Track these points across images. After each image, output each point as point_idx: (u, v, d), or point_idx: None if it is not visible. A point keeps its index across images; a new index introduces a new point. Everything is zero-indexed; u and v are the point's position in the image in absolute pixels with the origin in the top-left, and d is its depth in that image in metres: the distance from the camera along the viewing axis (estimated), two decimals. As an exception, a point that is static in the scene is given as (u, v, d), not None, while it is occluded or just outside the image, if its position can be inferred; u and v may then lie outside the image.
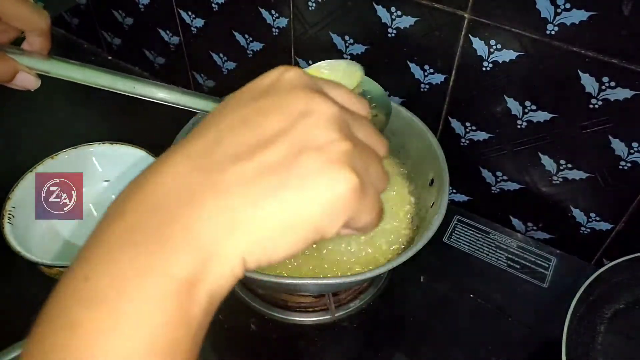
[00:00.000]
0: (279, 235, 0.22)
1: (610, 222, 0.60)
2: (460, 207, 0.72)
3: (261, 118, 0.24)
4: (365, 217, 0.25)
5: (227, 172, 0.22)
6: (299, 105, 0.24)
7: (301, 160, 0.23)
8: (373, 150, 0.26)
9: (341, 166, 0.23)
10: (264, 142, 0.23)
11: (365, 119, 0.27)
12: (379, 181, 0.26)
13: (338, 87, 0.27)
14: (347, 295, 0.60)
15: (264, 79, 0.26)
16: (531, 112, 0.57)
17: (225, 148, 0.23)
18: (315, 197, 0.22)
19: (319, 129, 0.23)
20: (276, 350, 0.57)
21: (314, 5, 0.65)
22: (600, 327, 0.56)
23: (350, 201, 0.23)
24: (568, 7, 0.48)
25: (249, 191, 0.22)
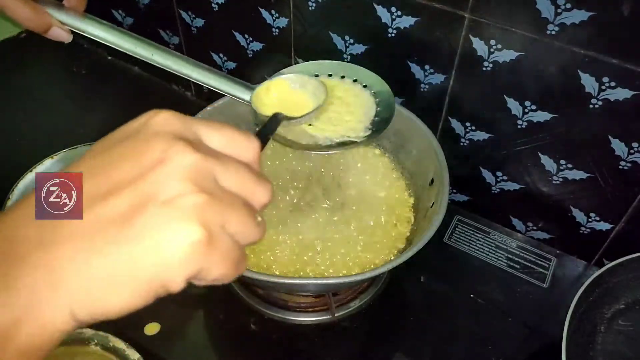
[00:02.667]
0: (111, 289, 0.22)
1: (610, 222, 0.60)
2: (460, 207, 0.72)
3: (111, 168, 0.23)
4: (215, 271, 0.23)
5: (61, 225, 0.22)
6: (154, 153, 0.23)
7: (143, 214, 0.22)
8: (243, 200, 0.25)
9: (185, 220, 0.22)
10: (108, 193, 0.22)
11: (242, 166, 0.25)
12: (245, 233, 0.25)
13: (219, 128, 0.26)
14: (347, 295, 0.60)
15: (132, 123, 0.25)
16: (531, 112, 0.57)
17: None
18: (152, 250, 0.22)
19: (171, 180, 0.22)
20: (276, 350, 0.57)
21: (314, 5, 0.65)
22: (600, 327, 0.56)
23: (194, 255, 0.22)
24: (568, 7, 0.48)
25: (79, 246, 0.21)
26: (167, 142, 0.23)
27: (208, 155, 0.24)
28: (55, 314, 0.21)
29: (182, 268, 0.22)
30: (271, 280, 0.48)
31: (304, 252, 0.58)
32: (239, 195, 0.25)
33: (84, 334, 0.53)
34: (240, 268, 0.25)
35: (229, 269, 0.24)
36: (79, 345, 0.53)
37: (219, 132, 0.25)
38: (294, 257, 0.57)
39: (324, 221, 0.60)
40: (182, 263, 0.22)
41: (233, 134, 0.26)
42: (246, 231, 0.25)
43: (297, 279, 0.53)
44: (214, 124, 0.26)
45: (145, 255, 0.22)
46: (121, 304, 0.22)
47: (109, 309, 0.22)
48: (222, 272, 0.24)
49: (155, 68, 0.48)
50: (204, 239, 0.22)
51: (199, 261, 0.22)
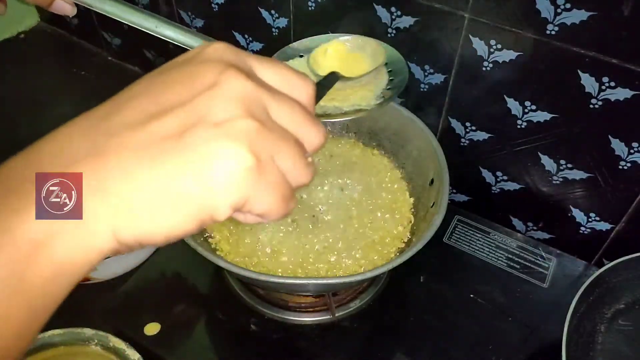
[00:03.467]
0: (156, 208, 0.21)
1: (610, 222, 0.60)
2: (460, 207, 0.72)
3: (165, 88, 0.23)
4: (263, 202, 0.22)
5: (112, 138, 0.21)
6: (207, 77, 0.22)
7: (193, 133, 0.21)
8: (294, 137, 0.24)
9: (234, 142, 0.21)
10: (160, 112, 0.22)
11: (296, 104, 0.24)
12: (295, 172, 0.24)
13: (273, 64, 0.25)
14: (347, 295, 0.60)
15: (188, 53, 0.25)
16: (531, 112, 0.57)
17: (122, 116, 0.22)
18: (199, 171, 0.21)
19: (222, 103, 0.22)
20: (276, 350, 0.57)
21: (313, 5, 0.65)
22: (600, 327, 0.56)
23: (239, 181, 0.21)
24: (568, 7, 0.48)
25: (129, 159, 0.21)
26: (219, 68, 0.23)
27: (260, 86, 0.23)
28: (97, 229, 0.20)
29: (229, 193, 0.21)
30: (271, 280, 0.48)
31: (304, 252, 0.58)
32: (291, 132, 0.24)
33: (84, 334, 0.53)
34: (289, 205, 0.24)
35: (278, 203, 0.23)
36: (79, 345, 0.53)
37: (274, 69, 0.25)
38: (294, 257, 0.57)
39: (324, 221, 0.60)
40: (229, 187, 0.21)
41: (289, 72, 0.25)
42: (296, 169, 0.24)
43: (297, 279, 0.53)
44: (269, 60, 0.25)
45: (192, 175, 0.21)
46: (166, 226, 0.21)
47: (154, 230, 0.21)
48: (269, 204, 0.23)
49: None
50: (253, 165, 0.21)
51: (247, 188, 0.22)
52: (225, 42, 0.25)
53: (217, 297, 0.62)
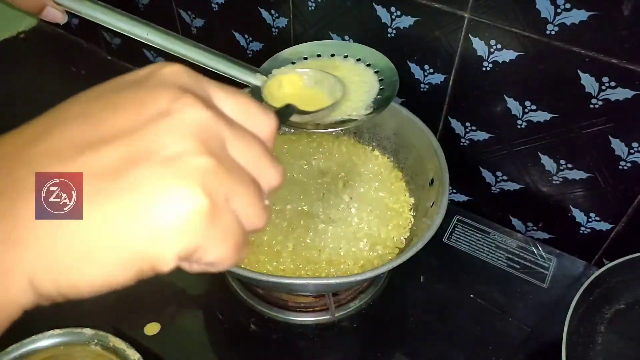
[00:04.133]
0: (84, 258, 0.18)
1: (610, 222, 0.60)
2: (460, 207, 0.72)
3: (107, 112, 0.20)
4: (213, 252, 0.20)
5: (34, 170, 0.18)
6: (159, 103, 0.20)
7: (136, 170, 0.18)
8: (252, 178, 0.21)
9: (187, 182, 0.18)
10: (99, 141, 0.19)
11: (255, 141, 0.22)
12: (250, 216, 0.21)
13: (235, 95, 0.22)
14: (347, 295, 0.60)
15: (139, 71, 0.22)
16: (531, 112, 0.57)
17: (50, 143, 0.19)
18: (141, 215, 0.18)
19: (174, 135, 0.19)
20: (276, 350, 0.57)
21: (313, 5, 0.65)
22: (600, 327, 0.56)
23: (190, 227, 0.19)
24: (568, 7, 0.48)
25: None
26: (174, 93, 0.20)
27: (219, 117, 0.20)
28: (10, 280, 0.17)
29: (176, 240, 0.19)
30: (271, 280, 0.48)
31: (304, 252, 0.58)
32: (248, 171, 0.21)
33: (84, 334, 0.53)
34: (241, 254, 0.21)
35: (230, 252, 0.20)
36: (79, 345, 0.53)
37: (234, 98, 0.22)
38: (294, 257, 0.57)
39: (324, 221, 0.60)
40: (177, 234, 0.18)
41: (249, 103, 0.23)
42: (252, 213, 0.21)
43: (297, 279, 0.53)
44: (229, 88, 0.22)
45: (133, 219, 0.18)
46: (95, 278, 0.18)
47: (80, 283, 0.18)
48: (221, 253, 0.20)
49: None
50: (207, 209, 0.19)
51: (198, 235, 0.19)
52: (182, 65, 0.22)
53: (217, 297, 0.62)
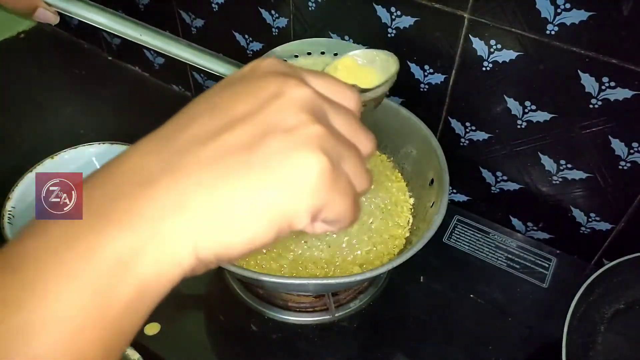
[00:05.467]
0: (236, 220, 0.21)
1: (610, 222, 0.60)
2: (460, 207, 0.72)
3: (230, 103, 0.23)
4: (338, 207, 0.23)
5: (186, 154, 0.21)
6: (270, 88, 0.23)
7: (266, 142, 0.21)
8: (353, 145, 0.24)
9: (310, 147, 0.21)
10: (229, 125, 0.22)
11: (349, 112, 0.25)
12: (358, 178, 0.24)
13: (322, 76, 0.26)
14: (347, 295, 0.60)
15: (242, 69, 0.26)
16: (531, 112, 0.57)
17: (190, 133, 0.22)
18: (278, 179, 0.21)
19: (288, 110, 0.22)
20: (276, 350, 0.57)
21: (314, 5, 0.65)
22: (600, 327, 0.56)
23: (319, 185, 0.21)
24: (568, 7, 0.48)
25: (205, 173, 0.21)
26: (281, 78, 0.23)
27: (319, 94, 0.24)
28: (179, 245, 0.20)
29: (308, 198, 0.21)
30: (271, 280, 0.48)
31: (304, 252, 0.58)
32: (348, 139, 0.24)
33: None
34: (357, 213, 0.24)
35: (351, 207, 0.23)
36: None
37: (323, 79, 0.25)
38: (294, 257, 0.57)
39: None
40: (308, 192, 0.21)
41: (337, 82, 0.26)
42: (359, 174, 0.24)
43: (297, 279, 0.53)
44: (317, 72, 0.26)
45: (271, 184, 0.21)
46: (246, 238, 0.21)
47: (233, 243, 0.21)
48: (344, 209, 0.23)
49: (154, 69, 0.47)
50: (329, 169, 0.22)
51: (325, 193, 0.22)
52: (274, 57, 0.26)
53: (217, 297, 0.62)
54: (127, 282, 0.20)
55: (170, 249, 0.20)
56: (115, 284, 0.19)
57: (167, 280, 0.21)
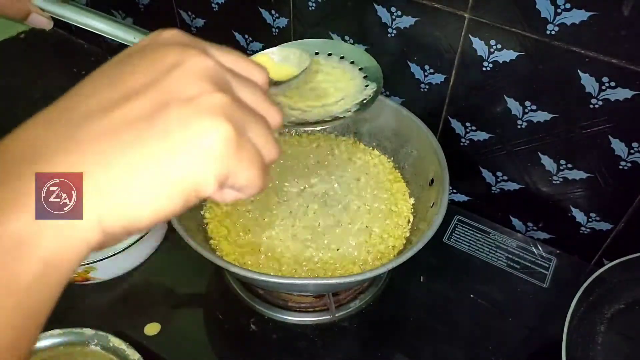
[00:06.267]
0: (140, 191, 0.21)
1: (610, 222, 0.60)
2: (460, 207, 0.72)
3: (128, 75, 0.22)
4: (245, 174, 0.23)
5: (83, 127, 0.21)
6: (169, 58, 0.23)
7: (166, 112, 0.21)
8: (260, 115, 0.24)
9: (212, 115, 0.21)
10: (127, 96, 0.21)
11: (256, 85, 0.25)
12: (265, 146, 0.24)
13: (228, 50, 0.25)
14: (347, 296, 0.60)
15: (141, 42, 0.25)
16: (531, 112, 0.57)
17: (87, 106, 0.22)
18: (180, 147, 0.21)
19: (188, 80, 0.22)
20: (276, 350, 0.57)
21: (314, 5, 0.65)
22: (600, 327, 0.56)
23: (223, 152, 0.21)
24: (568, 7, 0.48)
25: (103, 146, 0.20)
26: (180, 48, 0.23)
27: (222, 65, 0.24)
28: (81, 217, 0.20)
29: (213, 165, 0.21)
30: (271, 280, 0.48)
31: (304, 252, 0.58)
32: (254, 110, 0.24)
33: (84, 334, 0.53)
34: (265, 180, 0.24)
35: (257, 174, 0.23)
36: (79, 345, 0.53)
37: (228, 53, 0.25)
38: (294, 257, 0.57)
39: (323, 221, 0.60)
40: (213, 159, 0.21)
41: (242, 57, 0.25)
42: (267, 143, 0.24)
43: (297, 279, 0.53)
44: (221, 46, 0.25)
45: (174, 152, 0.21)
46: (152, 208, 0.21)
47: (140, 214, 0.21)
48: (250, 176, 0.23)
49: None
50: (233, 136, 0.21)
51: (229, 159, 0.22)
52: (176, 29, 0.25)
53: (216, 297, 0.62)
54: (29, 261, 0.19)
55: (73, 225, 0.20)
56: (19, 260, 0.19)
57: (73, 256, 0.20)
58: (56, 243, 0.20)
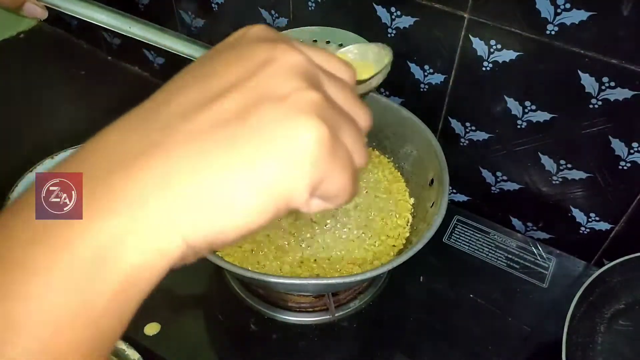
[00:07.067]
0: (230, 202, 0.19)
1: (610, 222, 0.60)
2: (460, 207, 0.72)
3: (217, 72, 0.21)
4: (338, 180, 0.21)
5: (170, 129, 0.19)
6: (260, 54, 0.21)
7: (258, 111, 0.19)
8: (351, 116, 0.22)
9: (306, 114, 0.19)
10: (216, 95, 0.20)
11: (346, 84, 0.23)
12: (356, 151, 0.22)
13: (318, 48, 0.24)
14: (346, 296, 0.60)
15: (229, 38, 0.23)
16: (531, 112, 0.57)
17: (174, 106, 0.20)
18: (274, 151, 0.19)
19: (281, 77, 0.20)
20: (276, 350, 0.57)
21: (313, 5, 0.65)
22: (600, 327, 0.56)
23: (319, 155, 0.19)
24: (568, 7, 0.48)
25: (192, 149, 0.19)
26: (270, 44, 0.21)
27: (313, 62, 0.22)
28: (164, 231, 0.18)
29: (307, 171, 0.19)
30: (271, 280, 0.48)
31: (304, 252, 0.58)
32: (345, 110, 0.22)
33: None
34: (356, 187, 0.22)
35: (350, 181, 0.21)
36: (79, 345, 0.53)
37: (315, 49, 0.23)
38: (294, 257, 0.57)
39: (323, 221, 0.60)
40: (307, 164, 0.19)
41: (330, 54, 0.24)
42: (358, 147, 0.22)
43: (297, 279, 0.53)
44: (310, 44, 0.25)
45: (265, 157, 0.19)
46: (240, 220, 0.19)
47: (227, 226, 0.19)
48: (342, 184, 0.21)
49: (154, 68, 0.47)
50: (329, 137, 0.20)
51: (324, 164, 0.20)
52: (263, 24, 0.24)
53: (217, 297, 0.62)
54: (109, 277, 0.18)
55: (155, 236, 0.18)
56: (96, 279, 0.17)
57: (153, 272, 0.19)
58: (136, 258, 0.18)
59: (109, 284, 0.18)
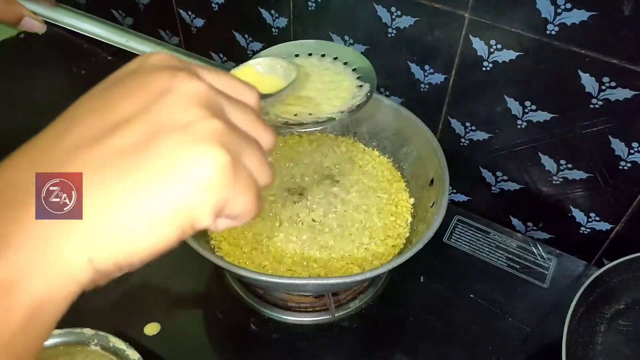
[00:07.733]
0: (134, 227, 0.20)
1: (610, 222, 0.60)
2: (460, 207, 0.72)
3: (116, 102, 0.21)
4: (241, 202, 0.22)
5: (70, 160, 0.20)
6: (159, 83, 0.21)
7: (159, 141, 0.20)
8: (253, 139, 0.23)
9: (207, 142, 0.20)
10: (117, 124, 0.20)
11: (248, 107, 0.24)
12: (259, 172, 0.23)
13: (217, 71, 0.24)
14: (346, 296, 0.60)
15: (128, 65, 0.24)
16: (531, 112, 0.57)
17: (72, 139, 0.20)
18: (176, 177, 0.20)
19: (181, 106, 0.21)
20: (276, 350, 0.57)
21: (313, 5, 0.65)
22: (600, 327, 0.56)
23: (221, 181, 0.20)
24: (568, 7, 0.48)
25: (93, 179, 0.19)
26: (170, 72, 0.22)
27: (214, 88, 0.23)
28: (70, 259, 0.19)
29: (210, 196, 0.20)
30: (271, 280, 0.48)
31: (304, 252, 0.58)
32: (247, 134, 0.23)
33: (84, 334, 0.53)
34: (260, 207, 0.23)
35: (253, 202, 0.22)
36: (79, 345, 0.53)
37: (218, 74, 0.24)
38: (294, 257, 0.57)
39: (323, 221, 0.60)
40: (209, 189, 0.20)
41: (232, 78, 0.25)
42: (261, 168, 0.23)
43: (297, 279, 0.53)
44: (212, 67, 0.24)
45: (168, 183, 0.20)
46: (146, 243, 0.20)
47: (133, 251, 0.20)
48: (245, 204, 0.22)
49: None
50: (230, 163, 0.21)
51: (226, 188, 0.21)
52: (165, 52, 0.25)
53: (216, 297, 0.62)
54: (16, 306, 0.18)
55: (61, 265, 0.19)
56: (5, 307, 0.18)
57: (63, 297, 0.19)
58: (43, 286, 0.19)
59: (17, 311, 0.18)
